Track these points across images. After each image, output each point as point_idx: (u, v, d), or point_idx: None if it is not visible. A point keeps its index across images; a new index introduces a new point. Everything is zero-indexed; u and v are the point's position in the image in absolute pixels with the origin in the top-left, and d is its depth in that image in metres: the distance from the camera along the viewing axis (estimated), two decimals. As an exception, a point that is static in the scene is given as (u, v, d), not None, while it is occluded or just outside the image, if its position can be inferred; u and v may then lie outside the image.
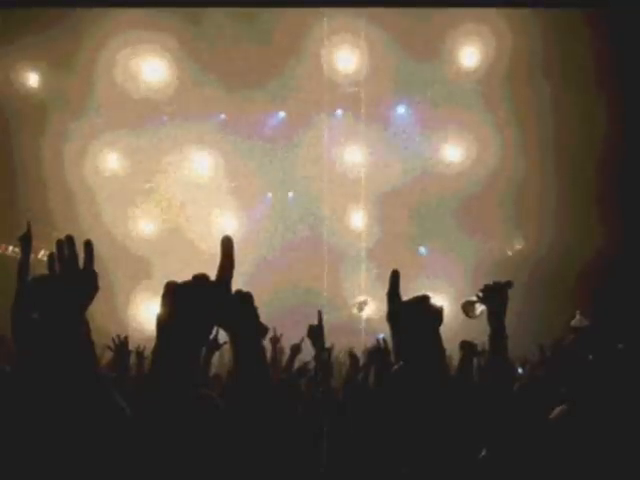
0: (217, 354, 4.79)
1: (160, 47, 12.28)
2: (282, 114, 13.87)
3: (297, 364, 4.90)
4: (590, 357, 2.82)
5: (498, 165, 12.10)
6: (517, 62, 11.75)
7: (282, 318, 6.98)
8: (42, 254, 5.81)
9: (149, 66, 12.76)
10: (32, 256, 3.47)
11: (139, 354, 4.92)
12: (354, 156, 13.64)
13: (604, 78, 11.04)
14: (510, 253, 13.20)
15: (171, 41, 11.91)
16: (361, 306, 13.43)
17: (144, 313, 11.70)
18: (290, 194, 14.12)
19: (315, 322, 3.45)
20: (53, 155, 11.96)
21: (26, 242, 3.48)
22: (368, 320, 12.95)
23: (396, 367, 1.61)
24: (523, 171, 11.95)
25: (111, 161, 13.34)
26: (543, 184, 12.06)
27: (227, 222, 13.41)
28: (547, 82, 11.63)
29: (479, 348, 4.26)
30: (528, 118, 11.95)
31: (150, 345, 1.44)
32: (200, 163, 13.58)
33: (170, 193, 13.54)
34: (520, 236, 13.15)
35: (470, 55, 12.68)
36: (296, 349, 5.11)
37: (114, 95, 12.34)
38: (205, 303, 1.37)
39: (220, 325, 1.69)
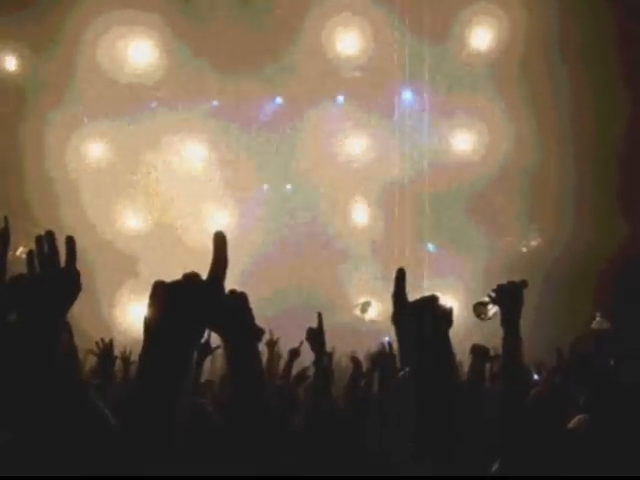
0: (209, 359, 4.79)
1: (148, 27, 12.24)
2: (279, 100, 13.86)
3: (295, 370, 4.91)
4: (611, 362, 2.82)
5: (512, 155, 12.06)
6: (533, 43, 11.68)
7: (279, 320, 7.01)
8: (21, 251, 5.82)
9: (136, 48, 12.71)
10: (10, 253, 3.49)
11: (125, 359, 4.91)
12: (356, 146, 13.62)
13: (626, 60, 10.99)
14: (525, 249, 13.19)
15: (160, 21, 11.86)
16: (364, 307, 13.46)
17: (130, 315, 11.71)
18: (288, 186, 14.11)
19: (315, 324, 3.45)
20: (32, 144, 11.94)
21: (3, 238, 3.48)
22: (372, 322, 12.97)
23: (402, 373, 1.61)
24: (539, 161, 11.91)
25: (95, 151, 13.29)
26: (561, 175, 12.00)
27: (220, 216, 13.40)
28: (565, 65, 11.56)
29: (492, 352, 4.27)
30: (545, 104, 11.88)
31: (137, 349, 1.44)
32: (191, 153, 13.55)
33: (159, 185, 13.52)
34: (535, 231, 13.14)
35: (482, 36, 12.62)
36: (294, 353, 5.11)
37: (98, 79, 12.30)
38: (196, 304, 1.37)
39: (212, 327, 1.69)
